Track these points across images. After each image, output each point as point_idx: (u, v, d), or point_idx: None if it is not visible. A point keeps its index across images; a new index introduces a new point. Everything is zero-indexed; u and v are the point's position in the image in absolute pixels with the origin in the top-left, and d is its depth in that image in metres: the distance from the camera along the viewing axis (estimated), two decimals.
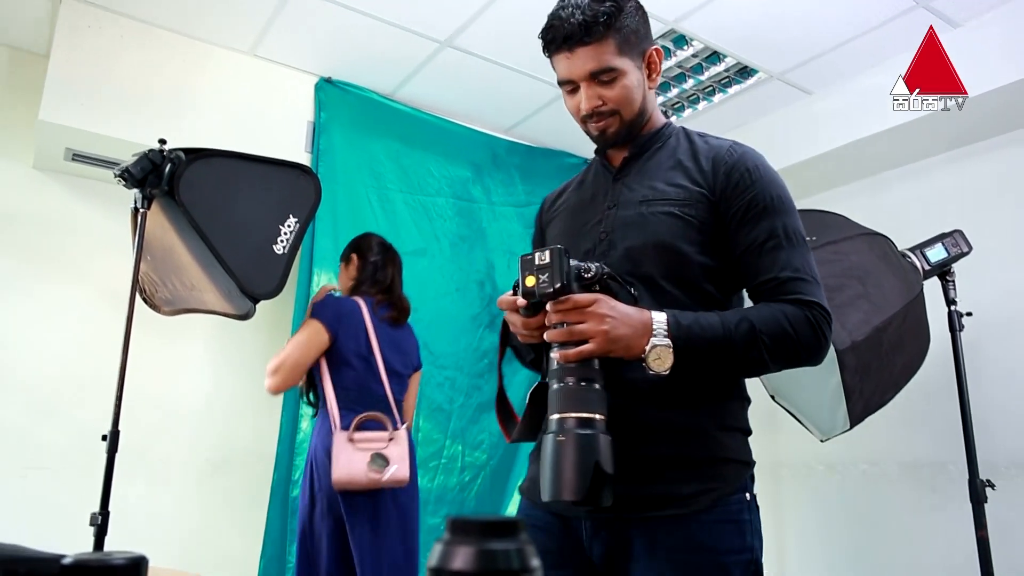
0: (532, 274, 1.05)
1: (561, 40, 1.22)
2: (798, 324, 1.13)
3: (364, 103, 3.48)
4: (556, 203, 1.42)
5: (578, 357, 1.03)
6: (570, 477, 0.96)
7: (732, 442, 1.18)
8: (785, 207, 1.24)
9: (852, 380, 2.19)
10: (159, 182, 2.03)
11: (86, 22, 2.88)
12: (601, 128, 1.27)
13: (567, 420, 1.00)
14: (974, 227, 2.67)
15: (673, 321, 1.08)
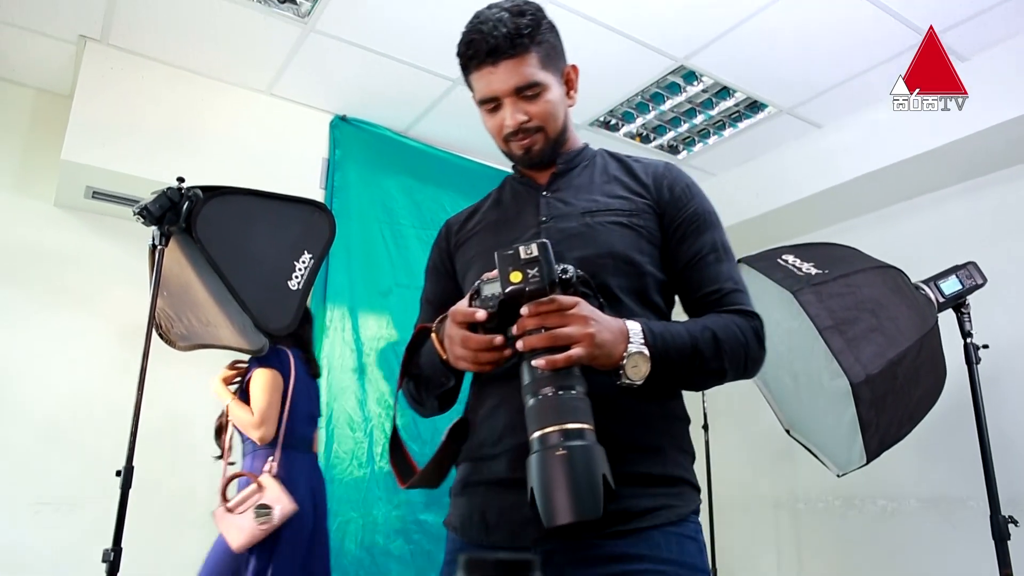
0: (518, 270, 0.94)
1: (485, 54, 1.17)
2: (748, 335, 1.14)
3: (378, 140, 3.53)
4: (467, 225, 1.35)
5: (568, 363, 0.93)
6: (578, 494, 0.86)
7: (685, 463, 1.15)
8: (718, 222, 1.25)
9: (867, 414, 2.16)
10: (177, 219, 2.06)
11: (109, 65, 2.96)
12: (526, 146, 1.22)
13: (550, 436, 0.88)
14: (987, 259, 2.65)
15: (647, 329, 1.04)
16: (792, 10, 2.71)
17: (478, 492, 1.14)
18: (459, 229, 1.36)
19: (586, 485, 0.86)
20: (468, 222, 1.35)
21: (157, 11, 2.79)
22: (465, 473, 1.19)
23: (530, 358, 0.95)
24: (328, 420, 3.07)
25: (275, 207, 2.32)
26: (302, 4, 2.75)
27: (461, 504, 1.17)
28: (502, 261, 0.96)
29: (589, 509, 0.85)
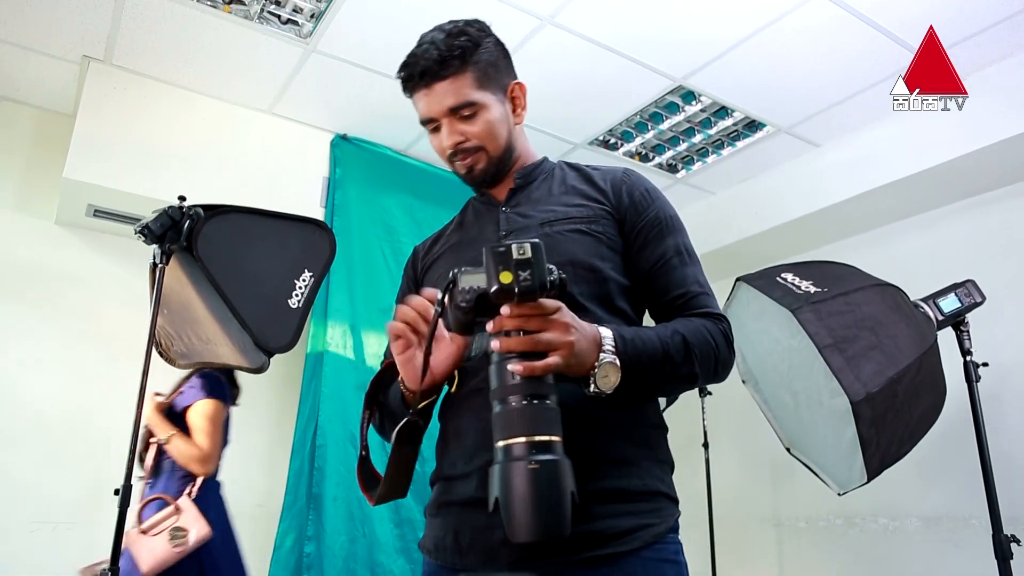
0: (508, 270, 0.88)
1: (418, 77, 1.20)
2: (718, 338, 1.13)
3: (378, 159, 3.55)
4: (433, 249, 1.35)
5: (546, 371, 0.88)
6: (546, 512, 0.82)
7: (664, 475, 1.12)
8: (681, 226, 1.24)
9: (868, 432, 2.16)
10: (178, 238, 2.07)
11: (112, 84, 2.98)
12: (468, 165, 1.24)
13: (516, 447, 0.84)
14: (986, 277, 2.66)
15: (618, 336, 1.01)
16: (789, 31, 2.74)
17: (451, 513, 1.12)
18: (425, 255, 1.37)
19: (552, 503, 0.82)
20: (434, 246, 1.36)
21: (160, 32, 2.81)
22: (438, 493, 1.17)
23: (501, 360, 0.89)
24: (330, 438, 3.06)
25: (275, 225, 2.33)
26: (304, 25, 2.78)
27: (435, 526, 1.15)
28: (492, 257, 0.89)
29: (554, 528, 0.82)
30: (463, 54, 1.18)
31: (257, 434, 3.34)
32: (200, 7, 2.68)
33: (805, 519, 3.60)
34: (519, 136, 1.30)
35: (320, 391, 3.12)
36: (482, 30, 1.24)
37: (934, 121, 3.06)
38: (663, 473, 1.12)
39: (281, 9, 2.71)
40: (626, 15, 2.69)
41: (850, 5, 2.60)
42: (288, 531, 2.95)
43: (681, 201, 4.03)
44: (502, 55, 1.26)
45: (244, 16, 2.74)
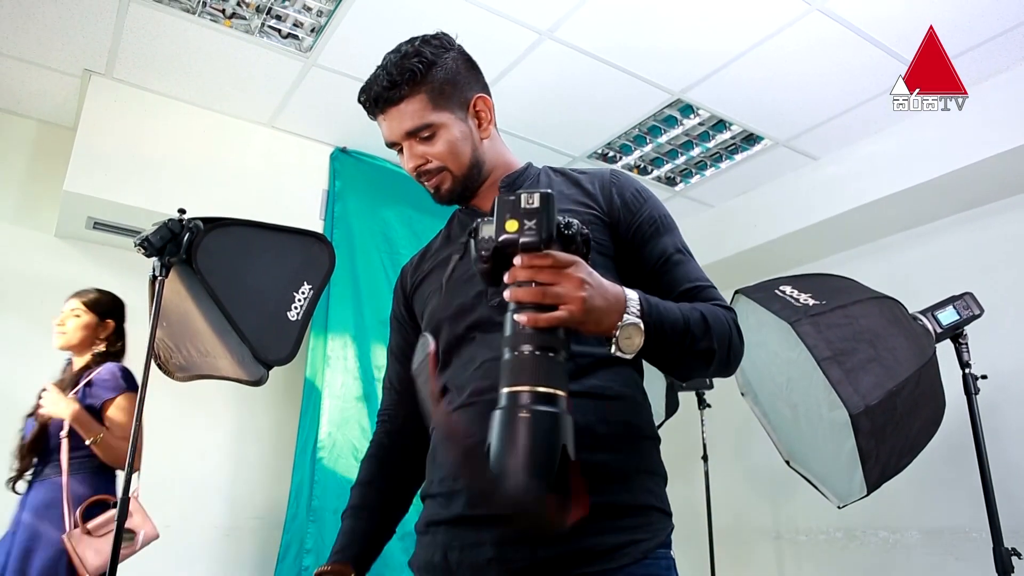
0: (515, 218, 0.88)
1: (372, 104, 1.20)
2: (731, 325, 1.12)
3: (378, 171, 3.56)
4: (421, 265, 1.33)
5: (550, 323, 0.87)
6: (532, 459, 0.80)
7: (655, 488, 1.09)
8: (675, 224, 1.24)
9: (867, 444, 2.16)
10: (177, 251, 2.07)
11: (113, 98, 3.00)
12: (434, 185, 1.23)
13: (521, 395, 0.83)
14: (985, 289, 2.67)
15: (644, 300, 0.99)
16: (787, 45, 2.75)
17: (440, 531, 1.09)
18: (413, 272, 1.35)
19: (543, 454, 0.80)
20: (421, 264, 1.34)
21: (161, 46, 2.83)
22: (427, 511, 1.16)
23: (515, 310, 0.89)
24: (330, 450, 3.06)
25: (275, 238, 2.33)
26: (304, 39, 2.80)
27: (424, 544, 1.13)
28: (501, 207, 0.89)
29: (540, 478, 0.80)
30: (413, 77, 1.17)
31: (258, 447, 3.34)
32: (201, 21, 2.70)
33: (805, 532, 3.59)
34: (490, 149, 1.27)
35: (320, 403, 3.12)
36: (441, 46, 1.22)
37: (931, 134, 3.08)
38: (654, 486, 1.10)
39: (281, 23, 2.73)
40: (625, 29, 2.71)
41: (847, 20, 2.62)
42: (290, 544, 2.94)
43: (680, 214, 4.05)
44: (465, 70, 1.24)
45: (245, 30, 2.75)
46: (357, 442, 3.13)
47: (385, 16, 2.65)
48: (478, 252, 0.93)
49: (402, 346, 1.34)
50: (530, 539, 1.00)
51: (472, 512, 1.04)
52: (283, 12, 2.68)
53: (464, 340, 1.14)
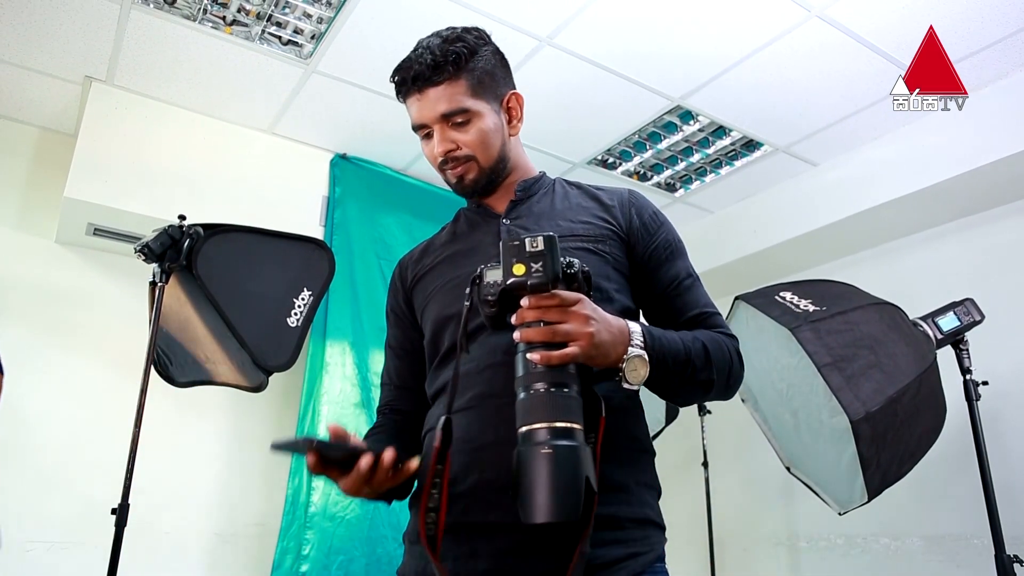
0: (521, 262, 0.91)
1: (411, 81, 1.17)
2: (732, 353, 1.14)
3: (377, 178, 3.57)
4: (423, 259, 1.31)
5: (562, 360, 0.90)
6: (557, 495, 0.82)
7: (653, 502, 1.10)
8: (684, 248, 1.25)
9: (868, 451, 2.15)
10: (177, 257, 2.08)
11: (113, 104, 3.01)
12: (458, 175, 1.21)
13: (539, 432, 0.85)
14: (985, 295, 2.67)
15: (647, 332, 1.02)
16: (786, 52, 2.76)
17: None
18: (414, 265, 1.33)
19: (567, 486, 0.83)
20: (424, 258, 1.32)
21: (162, 53, 2.83)
22: (415, 520, 1.12)
23: (525, 351, 0.91)
24: None
25: (275, 244, 2.34)
26: (304, 46, 2.81)
27: (415, 554, 1.11)
28: (507, 251, 0.93)
29: (568, 511, 0.82)
30: (458, 60, 1.16)
31: (255, 453, 3.33)
32: (201, 28, 2.70)
33: (806, 539, 3.58)
34: (514, 148, 1.27)
35: (318, 410, 3.11)
36: (480, 38, 1.22)
37: (931, 140, 3.08)
38: (652, 499, 1.10)
39: (282, 30, 2.74)
40: (624, 36, 2.71)
41: (846, 26, 2.63)
42: (287, 551, 2.93)
43: (680, 220, 4.05)
44: (500, 64, 1.24)
45: (245, 37, 2.76)
46: None
47: (385, 23, 2.66)
48: (483, 297, 0.95)
49: (400, 340, 1.32)
50: (528, 550, 0.99)
51: (467, 519, 1.02)
52: (283, 19, 2.68)
53: (469, 341, 1.13)
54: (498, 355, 1.08)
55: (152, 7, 2.60)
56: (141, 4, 2.58)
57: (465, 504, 1.03)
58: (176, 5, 2.60)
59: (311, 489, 2.99)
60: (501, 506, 0.98)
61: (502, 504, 0.96)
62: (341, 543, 2.96)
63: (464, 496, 1.03)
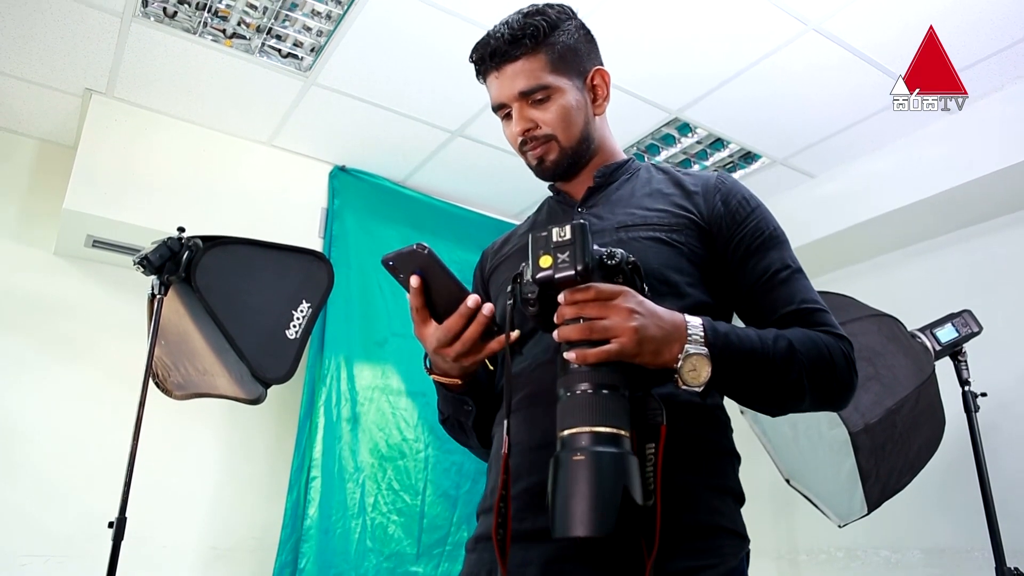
0: (548, 253, 0.84)
1: (488, 58, 1.12)
2: (836, 354, 1.00)
3: (377, 190, 3.57)
4: (502, 250, 1.25)
5: (600, 358, 0.82)
6: (589, 506, 0.75)
7: (726, 508, 1.01)
8: (785, 237, 1.12)
9: (867, 463, 2.15)
10: (176, 269, 2.08)
11: (113, 116, 3.01)
12: (538, 156, 1.14)
13: (580, 437, 0.78)
14: (983, 307, 2.67)
15: (710, 327, 0.90)
16: (784, 64, 2.77)
17: (487, 548, 1.00)
18: (494, 255, 1.27)
19: (599, 498, 0.75)
20: (503, 247, 1.26)
21: (162, 65, 2.85)
22: (478, 527, 1.09)
23: (565, 350, 0.85)
24: (322, 469, 3.04)
25: (274, 256, 2.34)
26: (304, 59, 2.82)
27: (471, 562, 1.05)
28: (534, 244, 0.86)
29: (598, 526, 0.74)
30: (536, 34, 1.10)
31: (254, 466, 3.32)
32: (201, 41, 2.72)
33: (805, 551, 3.56)
34: (600, 128, 1.20)
35: (316, 422, 3.11)
36: (564, 12, 1.17)
37: (928, 152, 3.09)
38: (725, 506, 1.00)
39: (282, 43, 2.75)
40: (622, 49, 2.73)
41: (843, 40, 2.64)
42: (285, 566, 2.91)
43: None
44: (584, 39, 1.19)
45: (245, 50, 2.77)
46: (346, 463, 3.10)
47: (384, 36, 2.67)
48: (524, 297, 0.89)
49: None
50: (581, 560, 0.92)
51: (521, 526, 0.95)
52: (283, 32, 2.70)
53: (528, 337, 1.07)
54: (549, 353, 1.00)
55: (153, 20, 2.61)
56: (142, 17, 2.60)
57: (516, 508, 0.96)
58: (176, 18, 2.61)
59: (308, 502, 2.98)
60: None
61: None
62: (331, 557, 2.94)
63: (515, 500, 0.96)
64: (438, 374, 1.05)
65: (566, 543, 0.90)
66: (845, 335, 1.03)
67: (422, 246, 0.92)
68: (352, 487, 3.09)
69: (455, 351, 0.97)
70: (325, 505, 3.00)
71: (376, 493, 3.12)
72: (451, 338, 0.96)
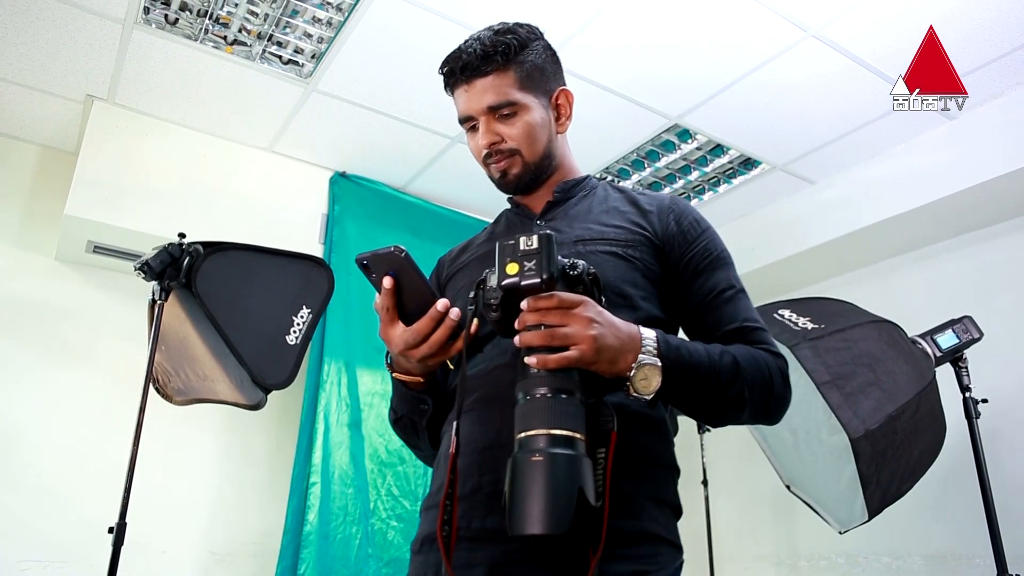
0: (515, 261, 0.87)
1: (459, 71, 1.16)
2: (774, 371, 1.06)
3: (377, 196, 3.58)
4: (460, 258, 1.29)
5: (559, 364, 0.86)
6: (545, 505, 0.77)
7: (664, 518, 1.02)
8: (731, 259, 1.18)
9: (868, 469, 2.15)
10: (177, 275, 2.08)
11: (114, 123, 3.02)
12: (502, 169, 1.18)
13: (537, 439, 0.81)
14: (983, 313, 2.67)
15: (663, 339, 0.95)
16: (783, 71, 2.78)
17: (433, 550, 1.02)
18: (451, 263, 1.31)
19: (556, 497, 0.78)
20: (460, 256, 1.30)
21: (163, 72, 2.85)
22: (423, 527, 1.09)
23: (526, 355, 0.88)
24: (323, 475, 3.04)
25: (274, 262, 2.34)
26: (305, 65, 2.83)
27: (417, 564, 1.06)
28: (501, 251, 0.89)
29: (554, 524, 0.77)
30: (507, 51, 1.14)
31: (254, 471, 3.31)
32: (202, 48, 2.72)
33: (806, 558, 3.55)
34: (560, 146, 1.25)
35: (317, 427, 3.11)
36: (532, 32, 1.21)
37: (928, 158, 3.10)
38: (663, 516, 1.03)
39: (283, 50, 2.76)
40: (622, 55, 2.74)
41: (842, 46, 2.65)
42: (285, 571, 2.91)
43: None
44: (550, 60, 1.23)
45: (246, 57, 2.78)
46: (347, 468, 3.10)
47: (385, 42, 2.68)
48: (487, 302, 0.92)
49: None
50: (527, 561, 0.95)
51: (466, 525, 0.98)
52: (284, 39, 2.70)
53: (485, 341, 1.09)
54: (506, 356, 1.04)
55: (154, 27, 2.62)
56: (143, 24, 2.61)
57: (465, 509, 0.99)
58: (178, 25, 2.62)
59: (308, 507, 2.98)
60: (500, 512, 0.93)
61: (501, 509, 0.92)
62: (331, 563, 2.94)
63: (463, 500, 0.99)
64: (400, 372, 1.09)
65: (514, 545, 0.93)
66: (781, 353, 1.10)
67: (399, 248, 0.95)
68: (353, 492, 3.08)
69: (422, 353, 1.00)
70: (324, 511, 3.00)
71: (376, 499, 3.12)
72: (419, 340, 1.00)
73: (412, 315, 1.01)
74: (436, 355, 1.01)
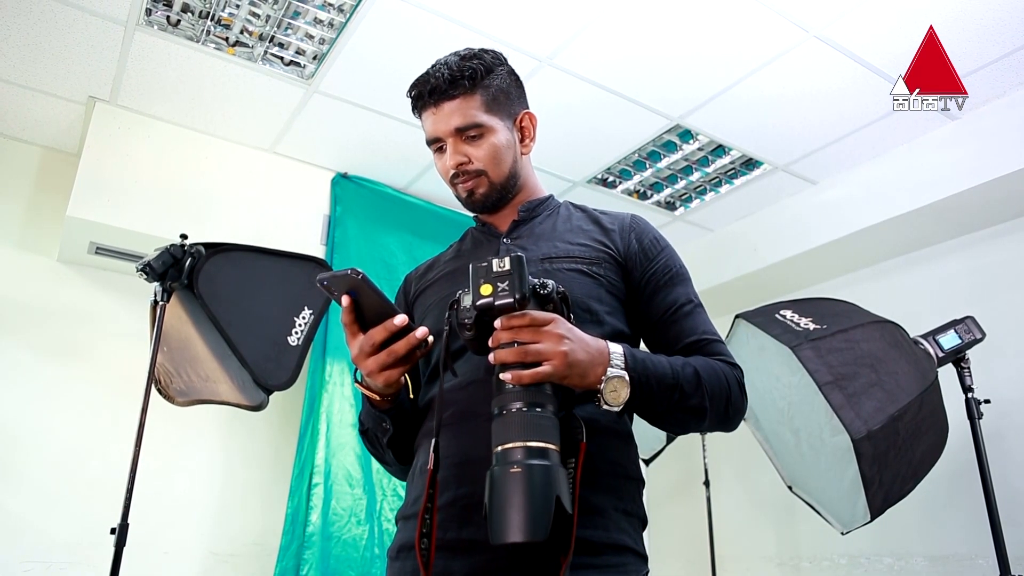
0: (488, 282, 0.92)
1: (427, 95, 1.20)
2: (731, 381, 1.11)
3: (378, 197, 3.58)
4: (427, 275, 1.33)
5: (533, 379, 0.89)
6: (525, 514, 0.81)
7: (632, 529, 1.07)
8: (689, 276, 1.24)
9: (870, 470, 2.14)
10: (179, 276, 2.09)
11: (117, 124, 3.03)
12: (469, 188, 1.23)
13: (515, 451, 0.85)
14: (986, 313, 2.67)
15: (629, 353, 1.00)
16: (785, 71, 2.78)
17: (410, 558, 1.05)
18: (418, 280, 1.35)
19: (536, 506, 0.81)
20: (428, 273, 1.34)
21: (165, 74, 2.86)
22: (399, 535, 1.12)
23: (501, 371, 0.92)
24: (326, 476, 3.04)
25: (276, 263, 2.34)
26: (306, 66, 2.83)
27: (394, 571, 1.09)
28: (475, 273, 0.94)
29: (535, 532, 0.80)
30: (474, 76, 1.19)
31: (255, 472, 3.32)
32: (204, 50, 2.73)
33: (808, 559, 3.55)
34: (525, 167, 1.29)
35: (318, 428, 3.11)
36: (497, 58, 1.25)
37: (930, 158, 3.09)
38: (631, 527, 1.07)
39: (284, 51, 2.76)
40: (624, 56, 2.74)
41: (844, 46, 2.65)
42: (286, 571, 2.91)
43: (679, 238, 4.06)
44: (515, 84, 1.27)
45: (248, 58, 2.78)
46: (352, 469, 3.11)
47: (386, 44, 2.68)
48: (461, 322, 0.96)
49: None
50: (502, 570, 0.98)
51: (445, 535, 1.01)
52: (286, 40, 2.71)
53: (457, 357, 1.13)
54: (480, 372, 1.08)
55: (156, 29, 2.62)
56: (145, 26, 2.61)
57: (441, 519, 1.02)
58: (180, 27, 2.63)
59: (310, 508, 2.98)
60: (476, 523, 0.98)
61: (477, 521, 0.96)
62: (337, 564, 2.94)
63: (440, 511, 1.02)
64: (364, 388, 1.12)
65: (490, 555, 0.97)
66: (738, 364, 1.15)
67: (356, 271, 0.99)
68: (359, 493, 3.09)
69: (381, 361, 1.02)
70: (327, 511, 3.00)
71: (382, 499, 3.12)
72: (371, 346, 1.02)
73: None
74: (394, 365, 1.03)
